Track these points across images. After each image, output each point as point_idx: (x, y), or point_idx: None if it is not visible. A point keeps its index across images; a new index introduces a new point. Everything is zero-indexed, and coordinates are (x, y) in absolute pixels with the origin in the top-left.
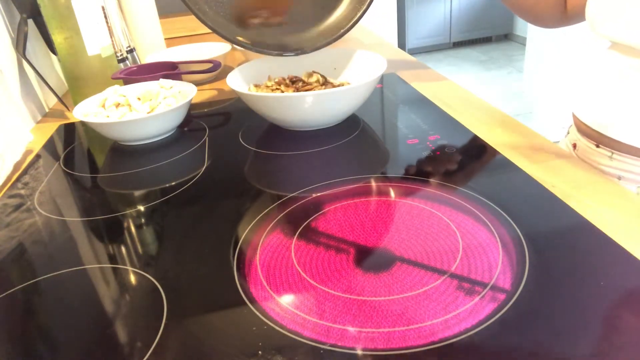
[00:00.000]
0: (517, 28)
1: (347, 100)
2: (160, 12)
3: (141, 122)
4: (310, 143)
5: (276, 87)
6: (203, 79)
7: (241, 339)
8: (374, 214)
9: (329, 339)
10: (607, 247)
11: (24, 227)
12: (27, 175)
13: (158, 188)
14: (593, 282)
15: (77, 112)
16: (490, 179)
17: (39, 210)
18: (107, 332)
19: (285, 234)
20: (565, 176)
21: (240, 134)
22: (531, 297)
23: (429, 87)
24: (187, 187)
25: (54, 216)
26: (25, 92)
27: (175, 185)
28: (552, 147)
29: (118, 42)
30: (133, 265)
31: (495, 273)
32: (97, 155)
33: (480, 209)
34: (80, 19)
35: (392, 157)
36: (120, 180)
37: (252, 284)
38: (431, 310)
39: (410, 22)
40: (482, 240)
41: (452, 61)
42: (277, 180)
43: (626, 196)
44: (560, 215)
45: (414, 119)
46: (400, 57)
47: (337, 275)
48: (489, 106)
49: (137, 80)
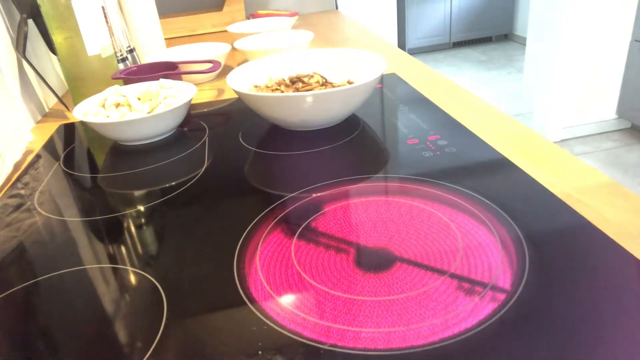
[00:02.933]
0: (517, 28)
1: (347, 100)
2: (160, 12)
3: (141, 122)
4: (310, 143)
5: (276, 87)
6: (203, 79)
7: (241, 339)
8: (374, 214)
9: (329, 339)
10: (607, 247)
11: (24, 227)
12: (27, 175)
13: (158, 188)
14: (593, 282)
15: (77, 112)
16: (490, 179)
17: (39, 210)
18: (107, 332)
19: (285, 234)
20: (565, 176)
21: (240, 134)
22: (531, 297)
23: (429, 87)
24: (187, 187)
25: (54, 216)
26: (25, 92)
27: (175, 185)
28: (552, 147)
29: (118, 42)
30: (133, 265)
31: (495, 273)
32: (97, 155)
33: (480, 209)
34: (80, 19)
35: (392, 157)
36: (120, 180)
37: (252, 284)
38: (431, 310)
39: (410, 22)
40: (482, 240)
41: (452, 61)
42: (277, 180)
43: (626, 196)
44: (560, 215)
45: (414, 119)
46: (400, 57)
47: (337, 275)
48: (489, 106)
49: (137, 80)
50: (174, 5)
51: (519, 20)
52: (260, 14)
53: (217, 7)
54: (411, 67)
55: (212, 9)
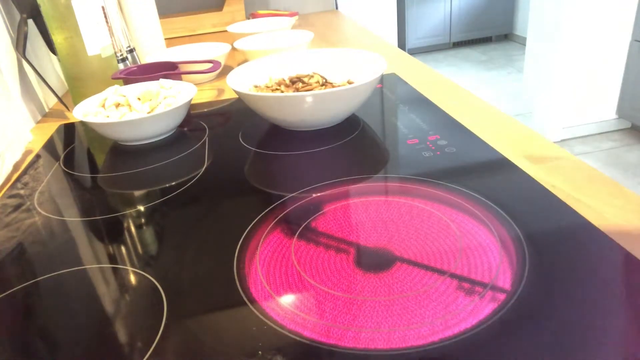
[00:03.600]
0: (517, 28)
1: (347, 100)
2: (160, 12)
3: (141, 122)
4: (310, 143)
5: (276, 87)
6: (203, 79)
7: (241, 339)
8: (374, 214)
9: (329, 339)
10: (607, 247)
11: (23, 227)
12: (26, 175)
13: (158, 188)
14: (593, 282)
15: (77, 112)
16: (490, 179)
17: (38, 210)
18: (107, 332)
19: (285, 234)
20: (565, 176)
21: (240, 134)
22: (531, 297)
23: (429, 87)
24: (187, 187)
25: (54, 216)
26: (25, 92)
27: (175, 185)
28: (552, 147)
29: (118, 42)
30: (133, 265)
31: (495, 273)
32: (97, 155)
33: (480, 209)
34: (80, 19)
35: (392, 157)
36: (120, 180)
37: (252, 284)
38: (431, 310)
39: (410, 22)
40: (482, 240)
41: (452, 61)
42: (277, 180)
43: (626, 196)
44: (560, 215)
45: (414, 119)
46: (400, 57)
47: (337, 275)
48: (489, 106)
49: (137, 80)
50: (174, 5)
51: (519, 20)
52: (260, 14)
53: (217, 7)
54: (411, 67)
55: (212, 9)
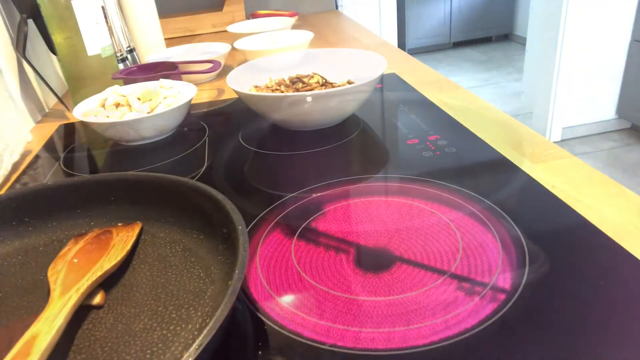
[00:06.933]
0: (517, 28)
1: (347, 100)
2: (160, 12)
3: (141, 122)
4: (310, 143)
5: (276, 87)
6: (203, 79)
7: (241, 339)
8: (374, 214)
9: (329, 339)
10: (607, 247)
11: None
12: (26, 175)
13: None
14: (593, 282)
15: (77, 112)
16: (490, 179)
17: None
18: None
19: (285, 234)
20: (565, 176)
21: (240, 134)
22: (531, 297)
23: (429, 87)
24: None
25: None
26: (25, 92)
27: None
28: (552, 147)
29: (118, 42)
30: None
31: (495, 273)
32: (97, 155)
33: (480, 209)
34: (80, 19)
35: (392, 157)
36: None
37: (252, 284)
38: (431, 310)
39: (410, 22)
40: (482, 240)
41: (452, 61)
42: (277, 180)
43: (626, 196)
44: (560, 215)
45: (414, 119)
46: (400, 57)
47: (337, 275)
48: (489, 106)
49: (137, 80)
50: (174, 5)
51: (519, 20)
52: (260, 14)
53: (217, 7)
54: (411, 67)
55: (212, 9)
